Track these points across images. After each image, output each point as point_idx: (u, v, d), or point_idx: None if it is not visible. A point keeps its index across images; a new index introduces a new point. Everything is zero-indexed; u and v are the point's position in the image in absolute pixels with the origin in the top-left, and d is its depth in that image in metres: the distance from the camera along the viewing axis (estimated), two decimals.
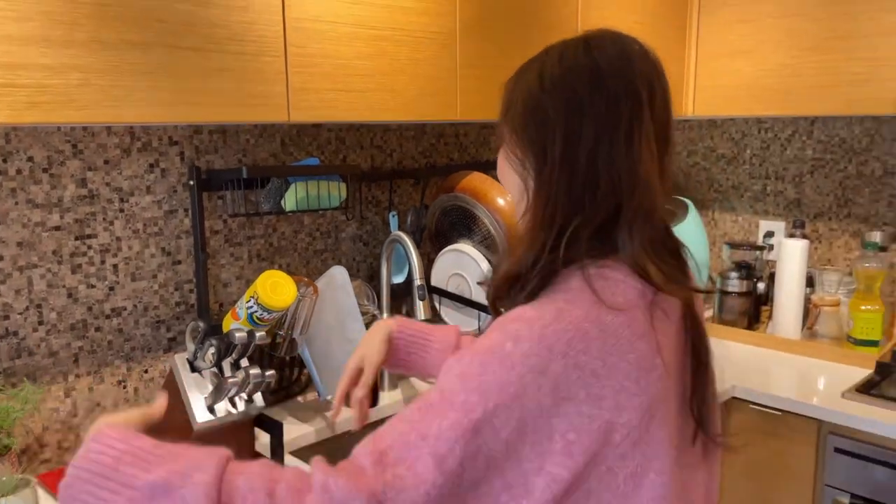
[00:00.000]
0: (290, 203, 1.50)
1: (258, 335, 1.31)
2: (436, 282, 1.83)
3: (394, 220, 1.84)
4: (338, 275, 1.52)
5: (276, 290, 1.35)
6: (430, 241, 1.92)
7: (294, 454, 1.50)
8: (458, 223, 1.81)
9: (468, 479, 0.68)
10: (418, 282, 1.59)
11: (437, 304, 1.83)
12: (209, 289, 1.57)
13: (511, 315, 0.75)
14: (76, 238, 1.40)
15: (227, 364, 1.33)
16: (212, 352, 1.30)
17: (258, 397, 1.35)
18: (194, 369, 1.33)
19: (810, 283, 2.14)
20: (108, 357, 1.47)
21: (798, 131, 2.31)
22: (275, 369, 1.60)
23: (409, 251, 1.62)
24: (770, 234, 2.35)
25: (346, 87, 1.37)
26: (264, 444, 1.43)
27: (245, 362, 1.34)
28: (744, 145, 2.44)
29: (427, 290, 1.64)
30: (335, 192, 1.56)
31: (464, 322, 1.79)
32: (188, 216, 1.53)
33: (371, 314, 1.72)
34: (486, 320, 1.73)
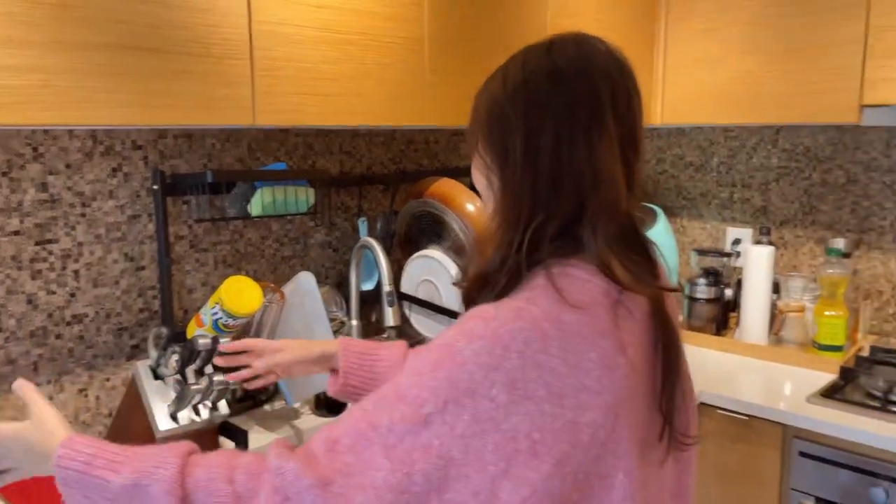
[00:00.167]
0: (256, 208, 1.49)
1: (222, 342, 1.29)
2: (406, 288, 1.82)
3: (363, 226, 1.84)
4: (304, 281, 1.50)
5: (241, 295, 1.33)
6: (400, 247, 1.91)
7: None
8: (428, 229, 1.81)
9: (424, 478, 0.68)
10: (387, 288, 1.58)
11: (407, 311, 1.83)
12: (173, 295, 1.54)
13: (470, 313, 0.75)
14: (36, 243, 1.37)
15: (190, 371, 1.31)
16: (175, 359, 1.28)
17: (222, 405, 1.33)
18: (157, 377, 1.31)
19: (776, 289, 2.17)
20: (69, 365, 1.44)
21: (763, 140, 2.35)
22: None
23: (377, 257, 1.61)
24: (737, 241, 2.38)
25: (312, 91, 1.36)
26: None
27: (209, 369, 1.32)
28: (711, 153, 2.47)
29: (396, 296, 1.63)
30: (303, 197, 1.55)
31: (433, 328, 1.78)
32: (152, 221, 1.51)
33: (339, 320, 1.71)
34: None
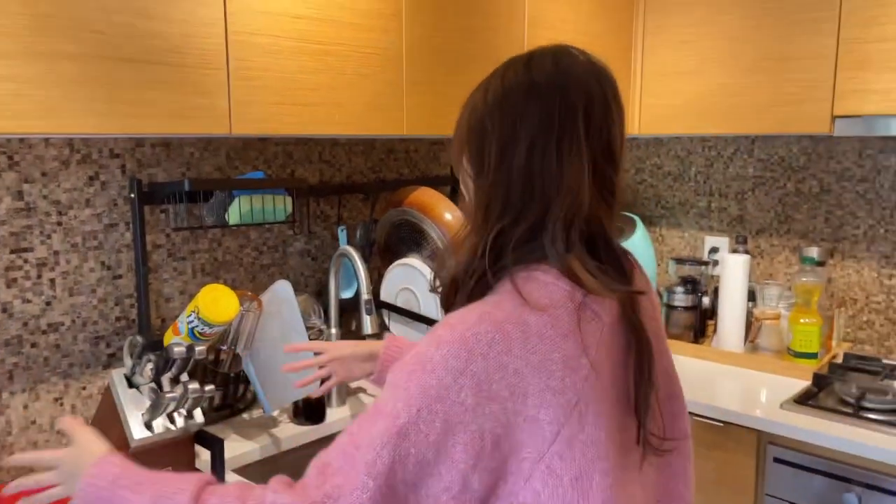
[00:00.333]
0: (233, 217, 1.49)
1: (198, 350, 1.29)
2: (385, 296, 1.83)
3: (343, 235, 1.84)
4: (281, 289, 1.51)
5: (217, 304, 1.33)
6: (379, 255, 1.92)
7: (237, 471, 1.48)
8: (407, 238, 1.82)
9: (403, 483, 0.72)
10: (365, 296, 1.59)
11: (387, 319, 1.83)
12: (151, 304, 1.54)
13: (441, 321, 0.79)
14: (11, 251, 1.37)
15: (166, 380, 1.31)
16: (150, 367, 1.28)
17: (198, 413, 1.33)
18: (132, 385, 1.31)
19: (752, 297, 2.20)
20: (45, 374, 1.43)
21: (740, 149, 2.38)
22: (220, 386, 1.59)
23: (356, 266, 1.62)
24: (715, 249, 2.41)
25: (290, 101, 1.37)
26: (205, 461, 1.40)
27: (185, 377, 1.32)
28: (689, 163, 2.50)
29: (375, 304, 1.63)
30: (280, 205, 1.56)
31: (412, 336, 1.79)
32: (129, 230, 1.51)
33: (317, 329, 1.71)
34: None
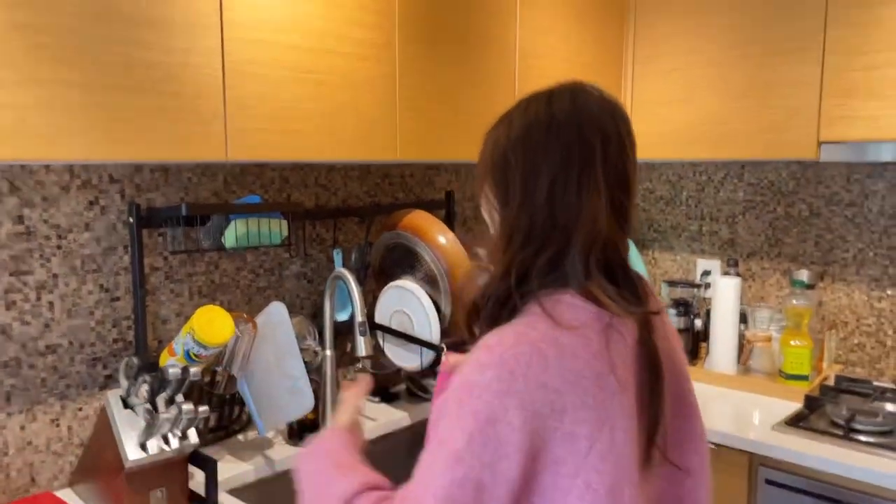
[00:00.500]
0: (229, 240, 1.52)
1: (192, 371, 1.31)
2: (380, 318, 1.85)
3: (338, 258, 1.87)
4: (276, 311, 1.53)
5: (212, 325, 1.36)
6: (374, 277, 1.95)
7: (232, 493, 1.49)
8: (402, 260, 1.85)
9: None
10: (359, 318, 1.61)
11: (381, 341, 1.86)
12: (148, 325, 1.57)
13: (478, 345, 0.84)
14: (11, 274, 1.39)
15: (161, 400, 1.33)
16: (145, 388, 1.30)
17: (192, 434, 1.34)
18: (128, 406, 1.33)
19: (744, 319, 2.22)
20: (42, 395, 1.45)
21: (730, 174, 2.42)
22: (215, 407, 1.61)
23: (350, 288, 1.64)
24: (707, 272, 2.43)
25: (285, 128, 1.41)
26: (199, 481, 1.42)
27: (180, 398, 1.34)
28: (680, 187, 2.54)
29: (369, 326, 1.66)
30: (276, 229, 1.59)
31: (406, 358, 1.81)
32: (128, 253, 1.54)
33: (312, 350, 1.74)
34: (427, 356, 1.75)
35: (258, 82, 1.36)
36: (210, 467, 1.36)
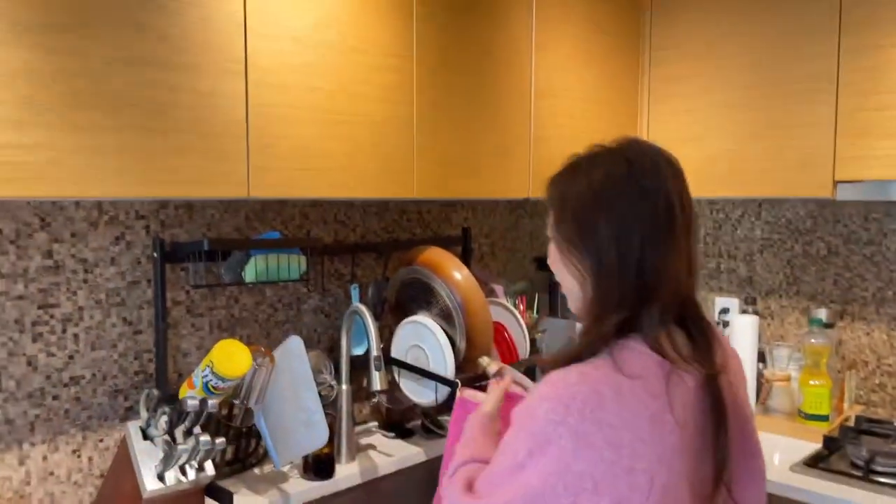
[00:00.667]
0: (249, 274, 1.56)
1: (210, 403, 1.34)
2: (396, 353, 1.87)
3: (355, 293, 1.90)
4: (293, 345, 1.56)
5: (231, 358, 1.39)
6: (391, 313, 1.97)
7: None
8: (418, 296, 1.87)
9: None
10: (375, 353, 1.64)
11: (396, 375, 1.87)
12: (169, 358, 1.60)
13: (546, 379, 0.95)
14: (39, 307, 1.44)
15: (179, 432, 1.35)
16: (164, 420, 1.33)
17: (209, 466, 1.37)
18: (147, 437, 1.36)
19: (763, 358, 2.20)
20: (65, 426, 1.48)
21: (747, 212, 2.43)
22: (232, 440, 1.63)
23: (366, 323, 1.67)
24: (725, 310, 2.43)
25: (305, 166, 1.46)
26: None
27: (197, 430, 1.37)
28: (698, 225, 2.55)
29: (385, 361, 1.68)
30: (295, 264, 1.62)
31: (421, 393, 1.82)
32: (151, 287, 1.59)
33: (328, 384, 1.76)
34: (442, 391, 1.77)
35: (280, 123, 1.41)
36: (226, 500, 1.38)
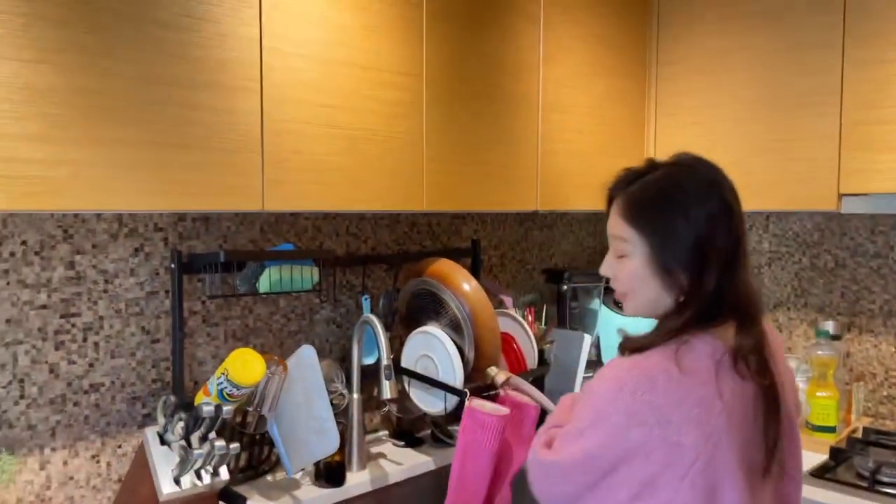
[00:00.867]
0: (263, 285, 1.61)
1: (226, 409, 1.38)
2: (406, 363, 1.91)
3: (366, 303, 1.94)
4: (306, 354, 1.60)
5: (245, 366, 1.43)
6: (401, 323, 2.01)
7: None
8: (427, 306, 1.91)
9: (583, 463, 1.07)
10: (385, 362, 1.67)
11: (406, 385, 1.91)
12: (185, 367, 1.64)
13: (609, 363, 1.12)
14: (61, 316, 1.49)
15: (195, 438, 1.39)
16: (181, 425, 1.37)
17: (223, 471, 1.40)
18: (164, 442, 1.40)
19: None
20: (84, 431, 1.53)
21: (755, 225, 2.45)
22: (245, 447, 1.67)
23: (377, 333, 1.71)
24: None
25: (317, 180, 1.50)
26: None
27: (213, 435, 1.41)
28: None
29: (395, 370, 1.71)
30: (308, 275, 1.67)
31: (430, 402, 1.85)
32: (168, 297, 1.63)
33: (339, 393, 1.79)
34: (451, 400, 1.80)
35: (294, 138, 1.46)
36: None
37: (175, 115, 1.29)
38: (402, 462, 1.88)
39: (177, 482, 1.35)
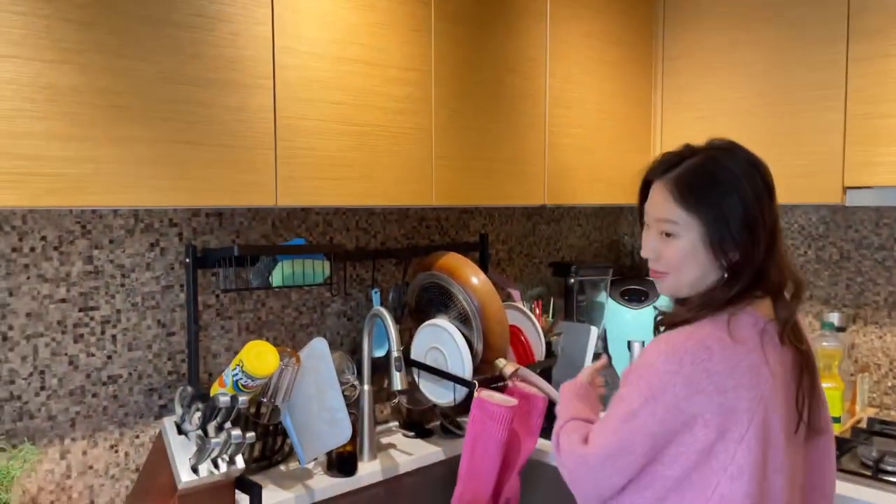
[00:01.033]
0: (276, 279, 1.64)
1: (241, 399, 1.41)
2: (415, 355, 1.94)
3: (376, 297, 1.97)
4: (318, 346, 1.64)
5: (260, 358, 1.47)
6: (411, 316, 2.04)
7: None
8: (436, 300, 1.94)
9: (641, 448, 1.11)
10: (395, 354, 1.71)
11: (416, 376, 1.94)
12: (200, 359, 1.68)
13: (659, 338, 1.16)
14: (80, 310, 1.53)
15: (212, 427, 1.43)
16: (198, 415, 1.41)
17: (239, 459, 1.44)
18: (181, 432, 1.44)
19: None
20: (103, 422, 1.57)
21: None
22: (259, 438, 1.71)
23: (387, 325, 1.74)
24: None
25: (329, 176, 1.53)
26: None
27: (228, 425, 1.44)
28: None
29: (404, 362, 1.75)
30: (319, 269, 1.70)
31: (440, 394, 1.89)
32: (183, 291, 1.67)
33: (351, 384, 1.83)
34: (460, 392, 1.83)
35: (305, 135, 1.49)
36: (255, 492, 1.46)
37: (191, 114, 1.32)
38: (413, 452, 1.91)
39: (194, 470, 1.39)
